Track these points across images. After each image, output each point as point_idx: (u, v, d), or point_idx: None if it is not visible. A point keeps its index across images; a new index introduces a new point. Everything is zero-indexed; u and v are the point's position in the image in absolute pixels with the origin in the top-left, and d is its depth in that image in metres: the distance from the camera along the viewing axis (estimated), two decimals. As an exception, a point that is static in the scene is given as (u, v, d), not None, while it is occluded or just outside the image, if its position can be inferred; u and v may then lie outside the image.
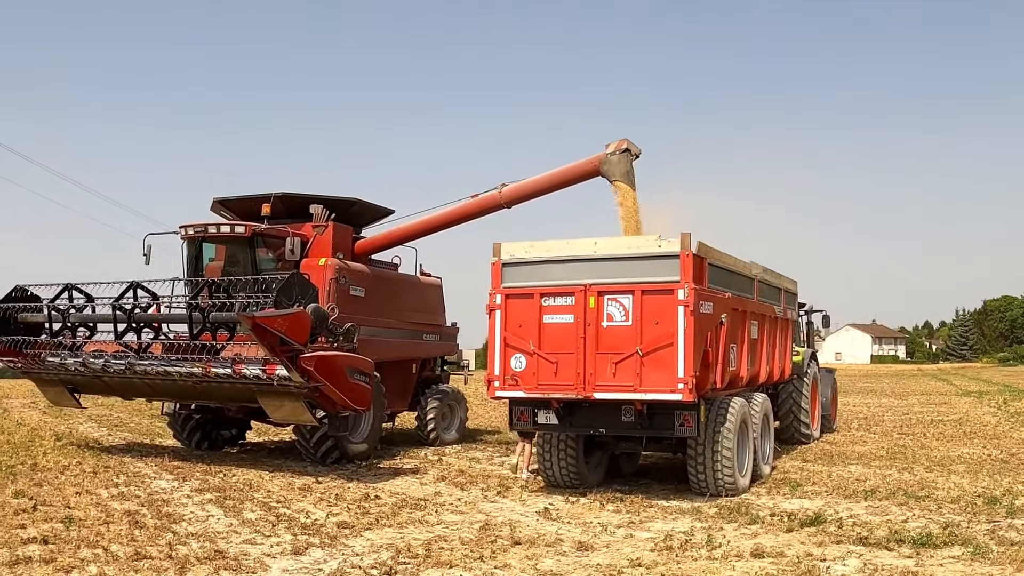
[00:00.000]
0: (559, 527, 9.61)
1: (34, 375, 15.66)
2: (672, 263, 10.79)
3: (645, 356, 10.67)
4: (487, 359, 11.94)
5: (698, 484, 11.63)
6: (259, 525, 9.55)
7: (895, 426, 21.80)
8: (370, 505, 10.88)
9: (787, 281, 16.31)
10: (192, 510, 10.42)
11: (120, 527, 9.22)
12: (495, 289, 11.71)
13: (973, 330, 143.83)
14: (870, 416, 25.39)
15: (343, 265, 15.71)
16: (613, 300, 10.94)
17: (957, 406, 29.66)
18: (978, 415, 25.41)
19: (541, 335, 11.28)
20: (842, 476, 13.14)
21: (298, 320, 12.09)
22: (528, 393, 11.38)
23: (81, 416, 23.33)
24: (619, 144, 14.69)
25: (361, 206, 17.04)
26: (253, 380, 13.02)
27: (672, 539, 8.84)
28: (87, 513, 9.94)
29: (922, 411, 27.37)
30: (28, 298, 15.44)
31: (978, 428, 20.99)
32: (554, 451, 12.29)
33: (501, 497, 11.71)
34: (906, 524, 9.55)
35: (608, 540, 8.94)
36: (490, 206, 16.32)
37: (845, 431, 20.49)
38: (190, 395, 14.56)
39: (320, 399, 12.87)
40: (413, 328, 17.65)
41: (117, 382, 14.58)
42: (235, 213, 16.61)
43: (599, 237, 11.48)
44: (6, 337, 15.19)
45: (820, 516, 9.82)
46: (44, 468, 13.27)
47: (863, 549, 8.40)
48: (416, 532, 9.33)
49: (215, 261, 15.87)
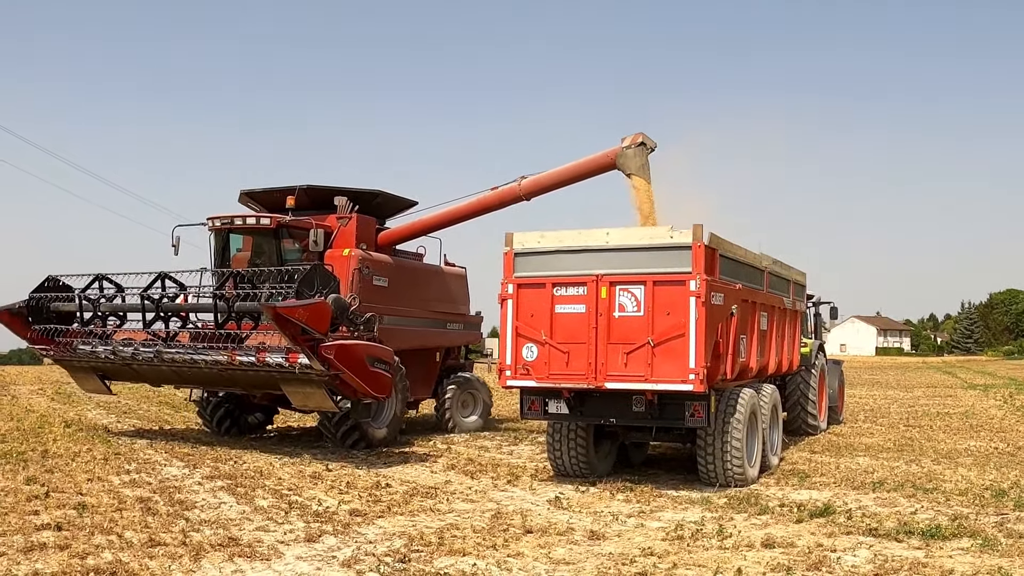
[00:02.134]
0: (570, 516, 9.63)
1: (66, 362, 16.19)
2: (684, 254, 10.78)
3: (657, 346, 10.68)
4: (499, 349, 11.96)
5: (707, 474, 11.65)
6: (271, 512, 9.60)
7: (901, 418, 21.80)
8: (381, 493, 10.92)
9: (796, 273, 16.30)
10: (204, 497, 10.47)
11: (133, 514, 9.27)
12: (507, 279, 11.70)
13: (978, 323, 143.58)
14: (876, 408, 25.39)
15: (366, 255, 16.02)
16: (625, 290, 10.95)
17: (963, 399, 29.64)
18: (984, 408, 25.39)
19: (553, 325, 11.29)
20: (850, 468, 13.15)
21: (318, 310, 12.44)
22: (539, 383, 11.39)
23: (89, 403, 23.47)
24: (635, 138, 14.97)
25: (384, 198, 17.32)
26: (276, 368, 13.37)
27: (683, 529, 8.87)
28: (99, 500, 9.99)
29: (928, 404, 27.35)
30: (60, 288, 15.96)
31: (984, 421, 20.98)
32: (564, 441, 12.31)
33: (511, 486, 11.74)
34: (915, 516, 9.56)
35: (619, 529, 8.97)
36: (509, 198, 16.66)
37: (852, 423, 20.52)
38: (216, 382, 14.97)
39: (340, 386, 13.18)
40: (436, 317, 17.97)
41: (146, 369, 15.03)
42: (262, 205, 17.06)
43: (611, 228, 11.47)
44: (39, 326, 15.76)
45: (829, 507, 9.83)
46: (55, 455, 13.33)
47: (872, 540, 8.42)
48: (428, 520, 9.36)
49: (242, 252, 16.25)
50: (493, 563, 7.59)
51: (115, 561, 7.31)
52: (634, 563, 7.60)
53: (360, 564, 7.49)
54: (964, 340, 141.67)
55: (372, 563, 7.52)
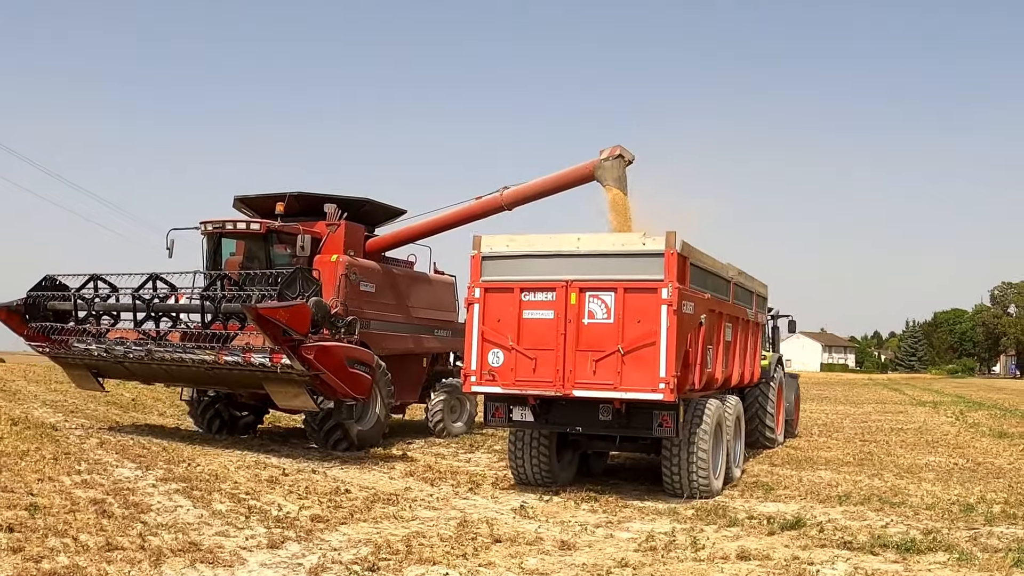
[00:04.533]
0: (538, 525, 9.48)
1: (61, 359, 16.73)
2: (656, 261, 10.70)
3: (626, 354, 10.58)
4: (464, 353, 11.79)
5: (672, 485, 11.57)
6: (230, 517, 9.29)
7: (856, 433, 21.97)
8: (341, 499, 10.67)
9: (759, 284, 16.35)
10: (159, 500, 10.11)
11: (87, 516, 8.89)
12: (474, 283, 11.53)
13: (923, 341, 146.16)
14: (829, 423, 25.63)
15: (353, 261, 16.34)
16: (595, 297, 10.84)
17: (914, 415, 30.02)
18: (937, 424, 25.72)
19: (520, 330, 11.13)
20: (813, 481, 13.17)
21: (299, 312, 12.87)
22: (505, 389, 11.22)
23: (36, 401, 22.90)
24: (612, 150, 15.24)
25: (372, 206, 17.73)
26: (260, 368, 13.79)
27: (654, 540, 8.76)
28: (51, 500, 9.57)
29: (880, 419, 27.65)
30: (56, 287, 16.44)
31: (939, 437, 21.20)
32: (526, 449, 12.15)
33: (472, 494, 11.56)
34: (886, 529, 9.57)
35: (589, 540, 8.84)
36: (492, 208, 16.97)
37: (807, 437, 20.64)
38: (204, 381, 15.43)
39: (321, 387, 13.60)
40: (424, 323, 18.33)
41: (138, 367, 15.53)
42: (254, 210, 17.46)
43: (582, 233, 11.37)
44: (36, 323, 16.24)
45: (800, 520, 9.80)
46: (3, 453, 12.85)
47: (848, 553, 8.39)
48: (392, 528, 9.14)
49: (235, 256, 16.70)
50: (465, 572, 7.41)
51: (71, 565, 6.99)
52: (610, 574, 7.47)
53: (327, 572, 7.27)
54: (908, 358, 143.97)
55: (340, 571, 7.30)
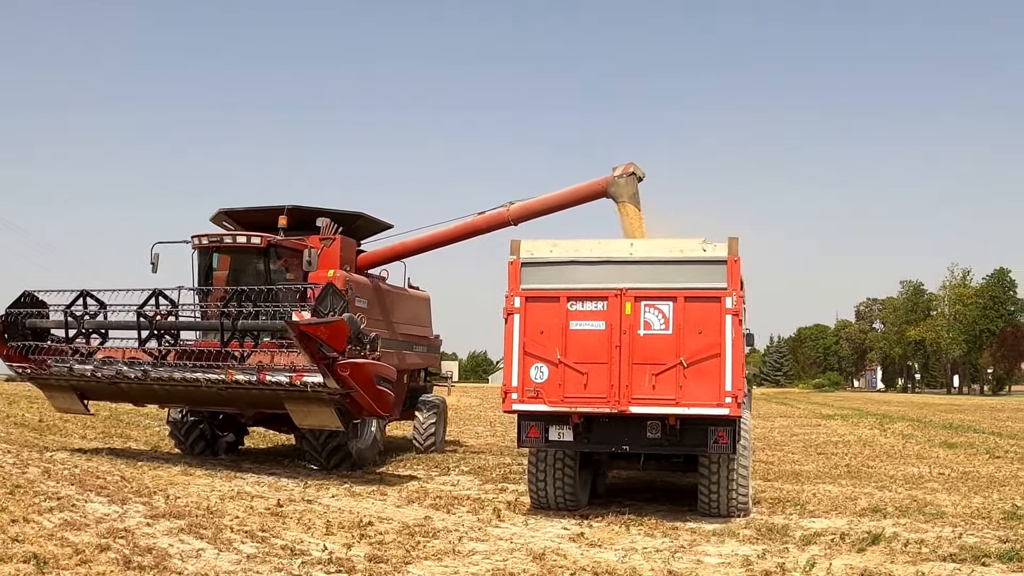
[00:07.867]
0: (615, 555, 8.65)
1: (42, 380, 15.79)
2: (719, 268, 10.08)
3: (688, 367, 9.88)
4: (503, 369, 10.82)
5: (709, 504, 10.93)
6: (272, 561, 8.09)
7: (805, 446, 21.96)
8: (369, 532, 9.57)
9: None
10: (170, 543, 8.73)
11: (107, 568, 7.54)
12: (513, 291, 10.59)
13: (788, 356, 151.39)
14: (767, 438, 25.51)
15: (350, 277, 15.89)
16: (651, 307, 10.12)
17: (838, 428, 30.41)
18: (872, 436, 26.07)
19: (567, 343, 10.29)
20: (830, 495, 12.81)
21: (338, 328, 12.59)
22: (552, 407, 10.32)
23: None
24: (626, 168, 15.20)
25: (365, 220, 17.37)
26: (280, 387, 13.35)
27: (752, 564, 8.09)
28: (46, 549, 8.08)
29: (812, 433, 27.86)
30: (36, 303, 15.72)
31: (894, 449, 21.34)
32: (550, 471, 11.27)
33: (500, 521, 10.62)
34: (962, 539, 9.23)
35: (692, 567, 8.06)
36: (497, 223, 16.60)
37: (761, 451, 20.34)
38: (211, 401, 14.83)
39: (350, 405, 13.32)
40: (406, 339, 17.98)
41: (135, 388, 14.86)
42: (241, 224, 16.58)
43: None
44: (15, 343, 15.34)
45: (877, 535, 9.34)
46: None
47: (962, 566, 7.97)
48: (466, 566, 8.15)
49: (219, 271, 16.01)
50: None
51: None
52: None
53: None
54: (774, 373, 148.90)
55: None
